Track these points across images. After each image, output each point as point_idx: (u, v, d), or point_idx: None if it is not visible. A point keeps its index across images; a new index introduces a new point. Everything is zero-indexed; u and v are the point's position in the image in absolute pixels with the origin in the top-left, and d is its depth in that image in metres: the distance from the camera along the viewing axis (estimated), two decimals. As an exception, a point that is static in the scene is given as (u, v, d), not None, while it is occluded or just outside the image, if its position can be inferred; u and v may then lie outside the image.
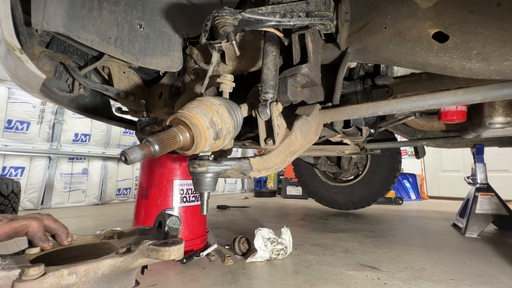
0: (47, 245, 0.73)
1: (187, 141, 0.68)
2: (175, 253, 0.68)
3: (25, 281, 0.56)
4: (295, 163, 3.12)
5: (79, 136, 3.58)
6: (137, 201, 1.41)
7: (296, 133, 0.87)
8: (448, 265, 1.24)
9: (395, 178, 2.52)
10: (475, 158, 2.02)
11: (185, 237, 1.32)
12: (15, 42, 0.94)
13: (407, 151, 5.23)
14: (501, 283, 1.05)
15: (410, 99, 0.85)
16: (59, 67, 1.27)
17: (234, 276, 1.10)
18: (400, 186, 4.33)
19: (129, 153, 0.55)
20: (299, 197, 4.69)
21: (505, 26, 0.70)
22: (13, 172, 3.00)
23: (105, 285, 0.70)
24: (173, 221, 0.84)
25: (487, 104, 1.37)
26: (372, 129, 1.50)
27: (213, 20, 0.82)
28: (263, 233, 1.30)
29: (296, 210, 3.20)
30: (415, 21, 0.83)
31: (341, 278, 1.09)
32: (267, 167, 0.80)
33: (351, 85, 1.28)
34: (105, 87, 1.38)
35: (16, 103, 3.05)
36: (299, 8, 0.85)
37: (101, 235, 0.98)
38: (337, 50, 0.98)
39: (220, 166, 0.76)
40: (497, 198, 1.86)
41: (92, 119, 1.74)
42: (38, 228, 0.71)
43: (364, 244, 1.61)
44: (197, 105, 0.72)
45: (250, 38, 1.07)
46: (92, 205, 3.53)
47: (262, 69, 0.84)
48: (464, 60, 0.75)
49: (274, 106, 0.81)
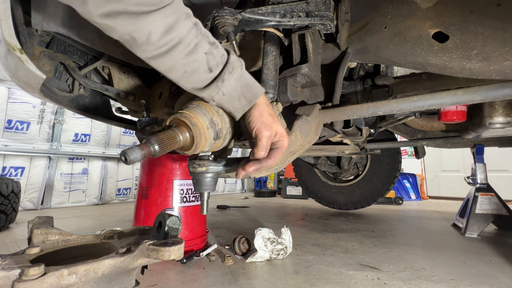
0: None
1: (187, 141, 0.68)
2: (175, 253, 0.68)
3: (25, 281, 0.56)
4: (295, 163, 3.12)
5: (79, 136, 3.58)
6: (137, 201, 1.41)
7: (296, 133, 0.87)
8: (448, 265, 1.24)
9: (395, 178, 2.52)
10: (475, 158, 2.02)
11: (185, 237, 1.32)
12: (15, 42, 0.94)
13: (407, 151, 5.23)
14: (501, 283, 1.05)
15: (410, 99, 0.85)
16: (59, 67, 1.27)
17: (234, 276, 1.10)
18: (400, 186, 4.33)
19: (129, 153, 0.55)
20: (299, 197, 4.69)
21: (505, 26, 0.70)
22: (13, 172, 3.00)
23: (105, 285, 0.70)
24: (173, 221, 0.84)
25: (487, 104, 1.37)
26: (372, 129, 1.50)
27: (213, 20, 0.82)
28: (263, 233, 1.30)
29: (296, 210, 3.20)
30: (415, 21, 0.83)
31: (341, 278, 1.09)
32: (267, 167, 0.80)
33: (351, 85, 1.28)
34: (105, 87, 1.38)
35: (16, 103, 3.05)
36: (299, 8, 0.85)
37: (101, 235, 0.99)
38: (337, 50, 0.98)
39: (220, 166, 0.76)
40: (497, 198, 1.86)
41: (92, 119, 1.74)
42: None
43: (364, 244, 1.61)
44: (197, 105, 0.72)
45: (250, 38, 1.07)
46: (92, 205, 3.53)
47: (262, 69, 0.84)
48: (464, 60, 0.75)
49: (274, 106, 0.81)
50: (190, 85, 0.65)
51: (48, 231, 0.91)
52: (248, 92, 0.67)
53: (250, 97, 0.68)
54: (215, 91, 0.65)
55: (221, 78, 0.64)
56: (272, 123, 0.67)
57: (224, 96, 0.66)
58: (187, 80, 0.64)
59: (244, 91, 0.67)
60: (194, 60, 0.61)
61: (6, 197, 1.96)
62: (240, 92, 0.67)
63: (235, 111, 0.69)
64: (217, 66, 0.63)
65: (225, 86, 0.64)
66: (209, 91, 0.65)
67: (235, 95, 0.66)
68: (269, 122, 0.67)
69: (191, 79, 0.64)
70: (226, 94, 0.66)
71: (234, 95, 0.66)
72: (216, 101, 0.67)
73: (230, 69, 0.65)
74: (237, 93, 0.66)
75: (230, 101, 0.67)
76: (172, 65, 0.61)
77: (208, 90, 0.65)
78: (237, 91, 0.66)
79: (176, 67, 0.61)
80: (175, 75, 0.63)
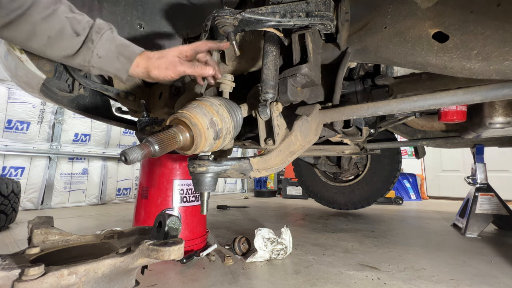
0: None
1: (187, 141, 0.68)
2: (175, 253, 0.68)
3: (25, 281, 0.56)
4: (295, 163, 3.12)
5: (79, 136, 3.58)
6: (137, 201, 1.41)
7: (296, 133, 0.87)
8: (448, 265, 1.24)
9: (395, 178, 2.52)
10: (475, 158, 2.02)
11: (185, 237, 1.32)
12: (15, 42, 0.94)
13: (407, 151, 5.23)
14: (501, 283, 1.05)
15: (410, 99, 0.85)
16: (59, 67, 1.27)
17: (234, 276, 1.10)
18: (400, 186, 4.33)
19: (129, 153, 0.55)
20: (299, 197, 4.69)
21: (505, 26, 0.70)
22: (13, 172, 3.00)
23: (105, 285, 0.70)
24: (173, 221, 0.84)
25: (487, 104, 1.37)
26: (372, 129, 1.50)
27: (213, 20, 0.82)
28: (263, 233, 1.30)
29: (296, 210, 3.20)
30: (415, 21, 0.83)
31: (341, 278, 1.09)
32: (267, 167, 0.80)
33: (351, 85, 1.28)
34: (105, 87, 1.38)
35: (16, 103, 3.05)
36: (299, 8, 0.85)
37: (101, 235, 0.99)
38: (337, 50, 0.98)
39: (220, 166, 0.76)
40: (497, 198, 1.86)
41: (92, 119, 1.74)
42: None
43: (364, 244, 1.61)
44: (197, 105, 0.72)
45: (250, 38, 1.07)
46: (92, 205, 3.53)
47: (262, 69, 0.84)
48: (464, 60, 0.75)
49: (274, 106, 0.81)
50: (60, 53, 0.65)
51: (48, 231, 0.91)
52: (125, 50, 0.69)
53: (129, 54, 0.69)
54: (88, 53, 0.65)
55: (90, 39, 0.64)
56: (160, 61, 0.72)
57: (101, 59, 0.66)
58: (54, 47, 0.63)
59: (120, 49, 0.68)
60: (56, 24, 0.61)
61: (6, 197, 1.96)
62: (116, 51, 0.67)
63: (119, 71, 0.70)
64: (83, 29, 0.64)
65: (98, 48, 0.65)
66: (82, 56, 0.65)
67: (112, 56, 0.67)
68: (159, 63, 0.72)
69: (58, 45, 0.63)
70: (102, 56, 0.66)
71: (110, 55, 0.67)
72: (95, 66, 0.67)
73: (97, 29, 0.65)
74: (113, 53, 0.67)
75: (110, 62, 0.68)
76: (31, 30, 0.60)
77: (81, 54, 0.65)
78: (113, 51, 0.67)
79: (36, 32, 0.61)
80: (39, 43, 0.62)
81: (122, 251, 0.74)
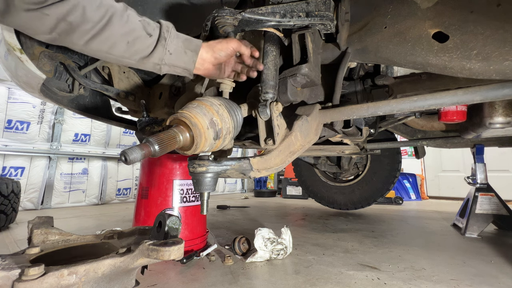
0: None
1: (187, 141, 0.68)
2: (175, 253, 0.68)
3: (25, 281, 0.56)
4: (295, 163, 3.12)
5: (79, 136, 3.58)
6: (137, 201, 1.41)
7: (296, 133, 0.87)
8: (448, 265, 1.24)
9: (395, 178, 2.52)
10: (475, 158, 2.02)
11: (185, 237, 1.32)
12: (15, 42, 0.94)
13: (407, 151, 5.23)
14: (501, 283, 1.05)
15: (410, 99, 0.85)
16: (59, 67, 1.27)
17: (234, 276, 1.10)
18: (400, 186, 4.33)
19: (129, 153, 0.55)
20: (299, 197, 4.69)
21: (505, 26, 0.70)
22: (13, 172, 3.00)
23: (105, 285, 0.70)
24: (173, 221, 0.84)
25: (487, 104, 1.37)
26: (372, 129, 1.50)
27: (213, 20, 0.82)
28: (263, 233, 1.30)
29: (296, 210, 3.20)
30: (415, 21, 0.83)
31: (341, 278, 1.09)
32: (267, 167, 0.80)
33: (351, 85, 1.28)
34: (105, 87, 1.38)
35: (16, 103, 3.05)
36: (299, 8, 0.85)
37: (101, 235, 0.99)
38: (337, 50, 0.98)
39: (220, 166, 0.76)
40: (497, 198, 1.86)
41: (92, 119, 1.74)
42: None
43: (364, 244, 1.61)
44: (197, 105, 0.72)
45: (250, 38, 1.07)
46: (92, 205, 3.53)
47: (262, 69, 0.84)
48: (464, 60, 0.75)
49: (274, 106, 0.81)
50: (137, 56, 0.67)
51: (48, 231, 0.91)
52: (190, 45, 0.72)
53: (194, 47, 0.73)
54: (163, 52, 0.68)
55: (163, 37, 0.67)
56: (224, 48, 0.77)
57: (172, 56, 0.69)
58: (132, 50, 0.65)
59: (186, 44, 0.71)
60: (132, 29, 0.63)
61: (6, 197, 1.96)
62: (183, 46, 0.71)
63: (187, 64, 0.73)
64: (154, 30, 0.67)
65: (169, 45, 0.68)
66: (157, 54, 0.67)
67: (181, 51, 0.70)
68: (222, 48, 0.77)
69: (135, 48, 0.65)
70: (173, 53, 0.69)
71: (179, 51, 0.70)
72: (167, 63, 0.70)
73: (166, 28, 0.68)
74: (181, 48, 0.70)
75: (179, 58, 0.71)
76: (114, 40, 0.62)
77: (156, 53, 0.67)
78: (181, 47, 0.70)
79: (118, 41, 0.62)
80: (119, 50, 0.64)
81: (122, 251, 0.74)
